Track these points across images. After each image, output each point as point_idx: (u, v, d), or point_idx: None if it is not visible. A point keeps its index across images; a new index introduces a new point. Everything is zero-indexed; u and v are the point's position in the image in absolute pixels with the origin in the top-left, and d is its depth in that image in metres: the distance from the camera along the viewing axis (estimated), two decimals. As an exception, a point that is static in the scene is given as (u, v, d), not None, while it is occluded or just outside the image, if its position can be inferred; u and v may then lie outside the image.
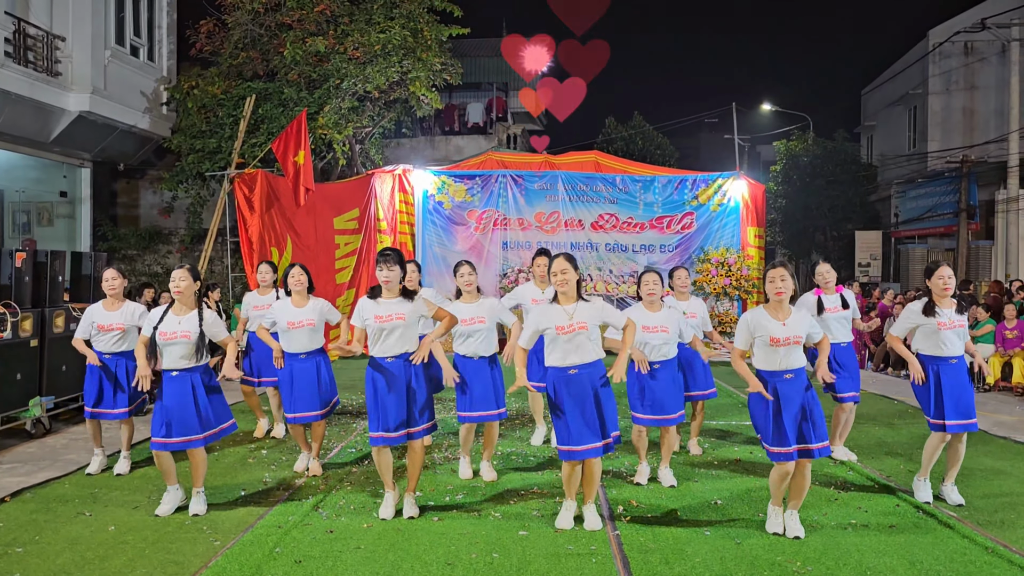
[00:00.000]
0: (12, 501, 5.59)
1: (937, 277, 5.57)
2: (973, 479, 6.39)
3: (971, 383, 5.65)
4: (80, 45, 13.42)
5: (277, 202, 12.27)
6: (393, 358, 5.14)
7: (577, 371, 4.92)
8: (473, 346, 6.08)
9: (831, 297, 6.80)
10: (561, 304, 4.98)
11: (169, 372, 5.28)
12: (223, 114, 14.65)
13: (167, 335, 5.24)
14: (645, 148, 24.72)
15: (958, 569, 4.44)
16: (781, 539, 4.91)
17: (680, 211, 14.89)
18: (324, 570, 4.38)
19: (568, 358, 4.93)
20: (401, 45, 14.33)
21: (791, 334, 4.86)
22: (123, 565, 4.44)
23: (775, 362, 4.91)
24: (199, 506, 5.36)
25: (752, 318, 5.00)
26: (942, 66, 22.19)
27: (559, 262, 4.95)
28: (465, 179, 14.96)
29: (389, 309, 5.12)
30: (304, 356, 6.27)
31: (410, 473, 5.34)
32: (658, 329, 5.79)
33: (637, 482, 6.07)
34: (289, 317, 6.27)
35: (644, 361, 5.84)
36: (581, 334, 4.90)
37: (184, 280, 5.31)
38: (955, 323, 5.52)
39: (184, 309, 5.33)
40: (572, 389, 4.92)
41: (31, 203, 15.78)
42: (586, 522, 5.10)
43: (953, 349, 5.54)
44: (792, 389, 4.87)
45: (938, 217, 21.15)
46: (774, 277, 4.90)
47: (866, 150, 28.33)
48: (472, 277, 6.15)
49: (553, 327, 4.91)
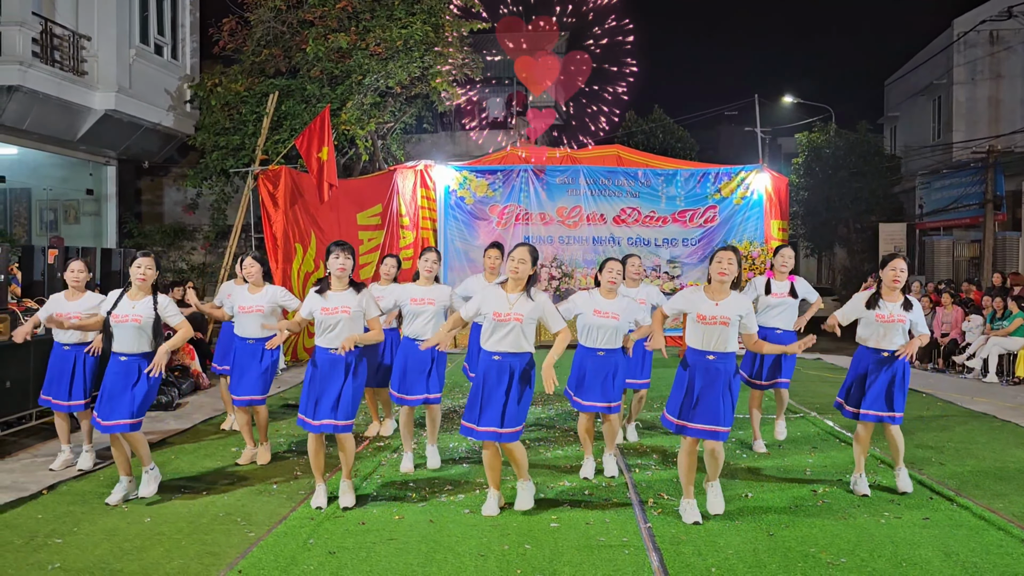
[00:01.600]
0: (49, 494, 5.68)
1: (890, 268, 5.58)
2: (1006, 470, 6.34)
3: (904, 381, 5.60)
4: (105, 44, 13.55)
5: (301, 198, 12.34)
6: (335, 350, 5.22)
7: (500, 358, 5.02)
8: (420, 329, 6.20)
9: (781, 283, 6.85)
10: (507, 291, 5.08)
11: (117, 355, 5.37)
12: (246, 111, 14.74)
13: (119, 318, 5.33)
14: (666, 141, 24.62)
15: (995, 561, 4.41)
16: (813, 531, 4.89)
17: (703, 204, 14.82)
18: (358, 561, 4.42)
19: (497, 344, 5.03)
20: (422, 40, 14.34)
21: (719, 314, 4.93)
22: (160, 556, 4.50)
23: (700, 340, 4.98)
24: (148, 487, 5.54)
25: (688, 293, 5.15)
26: (967, 55, 21.91)
27: (520, 251, 5.09)
28: (487, 174, 14.98)
29: (336, 302, 5.24)
30: (252, 342, 6.45)
31: (344, 463, 5.40)
32: (608, 315, 5.82)
33: (584, 476, 6.05)
34: (241, 302, 6.48)
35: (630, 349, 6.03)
36: (515, 325, 4.99)
37: (151, 268, 5.42)
38: (895, 317, 5.50)
39: (140, 295, 5.43)
40: (492, 373, 5.02)
41: (58, 201, 15.97)
42: (517, 501, 5.25)
43: (888, 343, 5.53)
44: (713, 369, 4.93)
45: (963, 208, 20.89)
46: (721, 259, 5.00)
47: (889, 141, 28.03)
48: (435, 265, 6.38)
49: (491, 313, 5.02)
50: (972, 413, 8.76)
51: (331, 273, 5.30)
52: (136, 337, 5.36)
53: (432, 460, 6.40)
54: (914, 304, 5.60)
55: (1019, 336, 11.38)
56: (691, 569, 4.31)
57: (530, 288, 5.10)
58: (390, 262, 7.31)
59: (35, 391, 7.28)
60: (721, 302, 4.97)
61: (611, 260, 5.97)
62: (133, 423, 5.34)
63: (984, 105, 21.79)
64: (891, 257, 5.66)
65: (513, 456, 5.19)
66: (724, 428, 4.93)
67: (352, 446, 5.39)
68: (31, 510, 5.32)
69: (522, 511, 5.21)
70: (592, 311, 5.82)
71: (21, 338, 6.27)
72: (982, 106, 21.80)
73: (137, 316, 5.34)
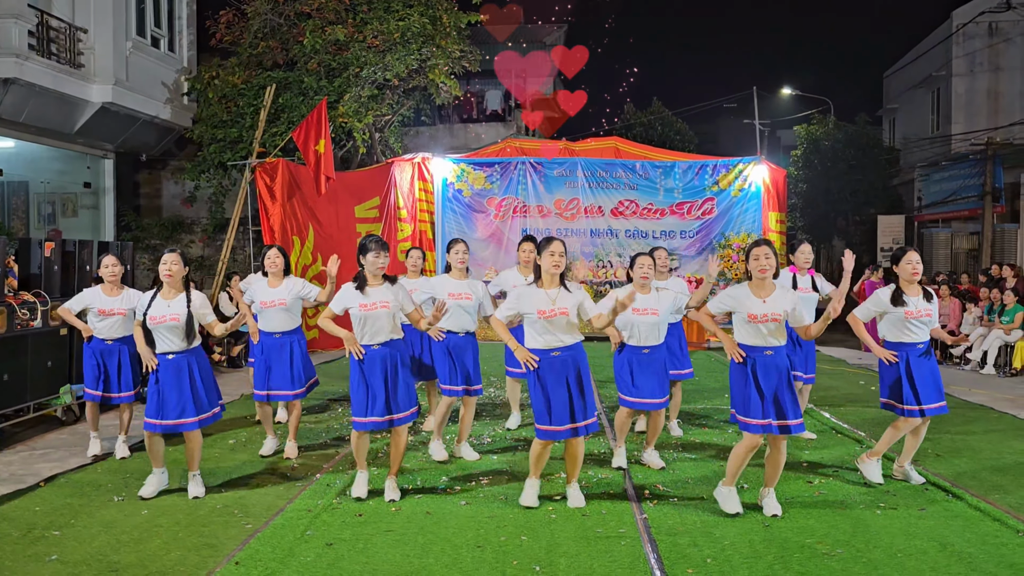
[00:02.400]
0: (47, 486, 5.69)
1: (906, 262, 5.53)
2: (1003, 462, 6.36)
3: (937, 366, 5.65)
4: (102, 37, 13.50)
5: (298, 191, 12.33)
6: (379, 345, 5.20)
7: (560, 353, 4.98)
8: (459, 320, 6.16)
9: (804, 278, 6.90)
10: (544, 288, 5.02)
11: (164, 355, 5.34)
12: (244, 104, 14.71)
13: (156, 319, 5.29)
14: (664, 134, 24.56)
15: (990, 551, 4.42)
16: (810, 521, 4.90)
17: (701, 197, 14.80)
18: (355, 553, 4.43)
19: (550, 341, 4.98)
20: (420, 33, 14.30)
21: (769, 311, 4.88)
22: (158, 548, 4.51)
23: (755, 337, 4.94)
24: (197, 488, 5.45)
25: (734, 293, 5.05)
26: (966, 47, 21.86)
27: (557, 245, 5.02)
28: (484, 167, 14.95)
29: (374, 297, 5.18)
30: (278, 335, 6.43)
31: (393, 458, 5.40)
32: (647, 312, 5.77)
33: (617, 466, 6.07)
34: (263, 296, 6.44)
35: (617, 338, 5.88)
36: (562, 319, 4.95)
37: (176, 264, 5.38)
38: (922, 312, 5.48)
39: (172, 293, 5.38)
40: (555, 370, 4.96)
41: (56, 194, 15.94)
42: (570, 500, 5.20)
43: (920, 336, 5.53)
44: (771, 364, 4.90)
45: (962, 200, 20.86)
46: (758, 255, 4.95)
47: (888, 133, 27.99)
48: (466, 256, 6.35)
49: (535, 311, 4.96)
50: (969, 405, 8.78)
51: (368, 270, 5.23)
52: (177, 336, 5.32)
53: (469, 455, 6.36)
54: (932, 295, 5.60)
55: (1019, 328, 11.39)
56: (687, 560, 4.32)
57: (564, 281, 5.08)
58: (415, 254, 7.22)
59: (32, 384, 7.31)
60: (768, 299, 4.92)
61: (641, 255, 5.88)
62: (199, 419, 5.34)
63: (983, 97, 21.75)
64: (904, 251, 5.59)
65: (576, 452, 5.11)
66: (800, 420, 4.91)
67: (406, 439, 5.39)
68: (29, 502, 5.33)
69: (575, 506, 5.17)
70: (631, 310, 5.71)
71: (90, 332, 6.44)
72: (981, 98, 21.76)
73: (175, 315, 5.29)
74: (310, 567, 4.24)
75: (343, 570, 4.20)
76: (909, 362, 5.51)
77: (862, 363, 12.12)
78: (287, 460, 6.41)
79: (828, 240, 27.45)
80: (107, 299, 6.33)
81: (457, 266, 6.28)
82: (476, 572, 4.17)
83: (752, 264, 4.98)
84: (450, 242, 6.43)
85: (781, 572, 4.16)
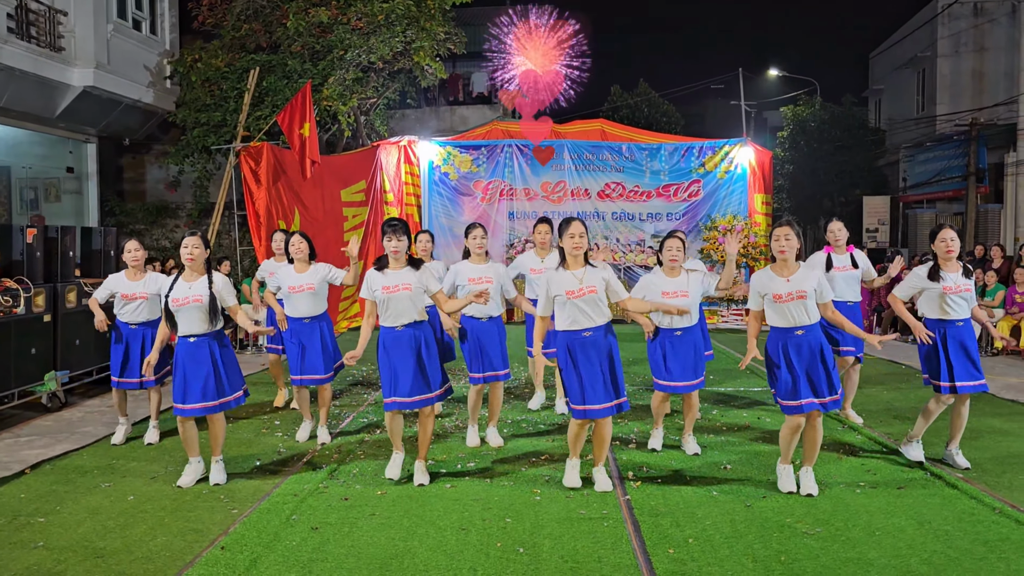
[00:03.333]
0: (32, 473, 5.69)
1: (940, 240, 5.57)
2: (981, 441, 6.44)
3: (977, 345, 5.67)
4: (82, 19, 13.34)
5: (284, 175, 12.25)
6: (403, 327, 5.23)
7: (591, 333, 5.02)
8: (481, 306, 6.12)
9: (841, 256, 6.84)
10: (570, 269, 5.06)
11: (186, 339, 5.32)
12: (227, 87, 14.59)
13: (179, 301, 5.27)
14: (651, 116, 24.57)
15: (967, 529, 4.50)
16: (790, 501, 4.97)
17: (687, 179, 14.82)
18: (340, 536, 4.46)
19: (581, 321, 5.01)
20: (404, 15, 14.20)
21: (794, 289, 4.94)
22: (144, 533, 4.52)
23: (784, 319, 5.00)
24: (219, 475, 5.44)
25: (758, 278, 5.12)
26: (951, 28, 21.91)
27: (577, 225, 5.07)
28: (471, 149, 14.91)
29: (396, 279, 5.20)
30: (308, 320, 6.46)
31: (421, 440, 5.41)
32: (677, 294, 5.77)
33: (652, 448, 6.12)
34: (291, 282, 6.47)
35: (650, 326, 5.89)
36: (592, 297, 4.99)
37: (197, 247, 5.36)
38: (960, 287, 5.51)
39: (194, 275, 5.37)
40: (587, 350, 5.00)
41: (38, 179, 15.80)
42: (596, 484, 5.20)
43: (959, 312, 5.55)
44: (804, 344, 4.96)
45: (947, 181, 21.00)
46: (779, 236, 5.02)
47: (874, 114, 28.07)
48: (484, 240, 6.28)
49: (564, 292, 4.99)
50: (950, 384, 8.86)
51: (388, 253, 5.27)
52: (200, 318, 5.31)
53: (494, 440, 6.36)
54: (971, 271, 5.63)
55: (999, 308, 11.51)
56: (669, 540, 4.38)
57: (588, 260, 5.11)
58: (424, 238, 7.25)
59: (16, 371, 7.29)
60: (792, 277, 4.98)
61: (669, 238, 5.89)
62: (221, 403, 5.33)
63: (968, 78, 21.82)
64: (939, 228, 5.65)
65: (605, 435, 5.15)
66: (838, 396, 4.97)
67: (433, 422, 5.42)
68: (14, 489, 5.33)
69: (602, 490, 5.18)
70: (660, 292, 5.75)
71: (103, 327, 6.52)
72: (966, 79, 21.84)
73: (197, 296, 5.27)
74: (295, 551, 4.27)
75: (328, 554, 4.23)
76: (946, 338, 5.54)
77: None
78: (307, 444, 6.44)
79: (815, 221, 27.59)
80: (130, 284, 6.38)
81: (476, 251, 6.25)
82: (461, 554, 4.21)
83: (773, 245, 5.06)
84: (468, 227, 6.37)
85: (761, 551, 4.22)
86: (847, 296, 6.78)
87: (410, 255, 5.34)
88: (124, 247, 6.45)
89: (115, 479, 5.52)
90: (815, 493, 5.03)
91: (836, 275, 6.72)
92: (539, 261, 6.98)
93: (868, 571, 3.98)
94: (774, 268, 5.08)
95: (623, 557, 4.16)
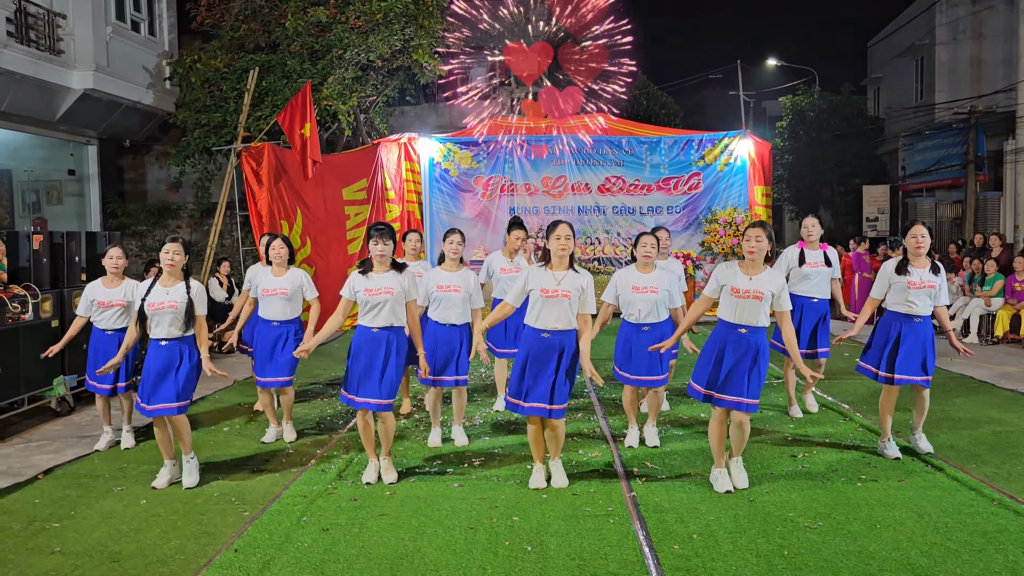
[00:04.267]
0: (45, 478, 5.77)
1: (911, 236, 5.73)
2: (980, 431, 6.51)
3: (934, 344, 5.76)
4: (81, 22, 13.37)
5: (285, 175, 12.30)
6: (379, 329, 5.32)
7: (549, 335, 5.10)
8: (447, 312, 6.23)
9: (814, 252, 6.92)
10: (553, 270, 5.15)
11: (158, 341, 5.42)
12: (227, 88, 14.61)
13: (155, 305, 5.37)
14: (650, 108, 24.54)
15: (965, 520, 4.58)
16: (792, 495, 5.05)
17: (687, 172, 14.87)
18: (351, 537, 4.54)
19: (545, 321, 5.10)
20: (403, 13, 14.22)
21: (752, 288, 5.04)
22: (157, 537, 4.61)
23: (734, 314, 5.10)
24: (191, 476, 5.52)
25: (723, 269, 5.23)
26: (949, 15, 21.86)
27: (564, 228, 5.16)
28: (471, 146, 14.95)
29: (379, 283, 5.30)
30: (277, 324, 6.54)
31: (383, 439, 5.50)
32: (647, 290, 5.91)
33: (629, 444, 6.22)
34: (266, 285, 6.56)
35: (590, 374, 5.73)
36: (563, 301, 5.07)
37: (179, 253, 5.47)
38: (925, 283, 5.64)
39: (172, 280, 5.47)
40: (540, 350, 5.10)
41: (40, 182, 15.85)
42: (553, 479, 5.33)
43: (920, 309, 5.68)
44: (743, 343, 5.05)
45: (946, 169, 20.99)
46: (751, 236, 5.11)
47: (873, 103, 28.03)
48: (460, 247, 6.34)
49: (539, 288, 5.09)
50: (949, 375, 8.94)
51: (372, 257, 5.35)
52: (174, 323, 5.40)
53: (459, 439, 6.46)
54: (941, 269, 5.74)
55: (999, 297, 11.57)
56: (674, 536, 4.46)
57: (573, 264, 5.18)
58: (413, 237, 7.28)
59: (26, 377, 7.37)
60: (755, 277, 5.07)
61: (645, 235, 6.01)
62: (179, 406, 5.40)
63: (966, 65, 21.78)
64: (911, 224, 5.81)
65: (556, 433, 5.27)
66: (752, 400, 5.04)
67: (393, 423, 5.50)
68: (28, 495, 5.41)
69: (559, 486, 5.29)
70: (631, 287, 5.88)
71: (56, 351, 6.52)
72: (964, 66, 21.80)
73: (172, 302, 5.37)
74: (307, 552, 4.35)
75: (339, 555, 4.31)
76: (902, 331, 5.69)
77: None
78: (285, 444, 6.52)
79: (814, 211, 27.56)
80: (106, 291, 6.41)
81: (450, 256, 6.31)
82: (469, 554, 4.29)
83: (744, 244, 5.15)
84: (446, 232, 6.41)
85: (763, 546, 4.30)
86: (814, 293, 6.88)
87: (394, 259, 5.41)
88: (107, 252, 6.47)
89: (126, 483, 5.61)
90: (745, 485, 5.18)
91: (807, 271, 6.80)
92: (508, 261, 7.20)
93: (869, 564, 4.06)
94: (741, 265, 5.18)
95: (629, 554, 4.25)
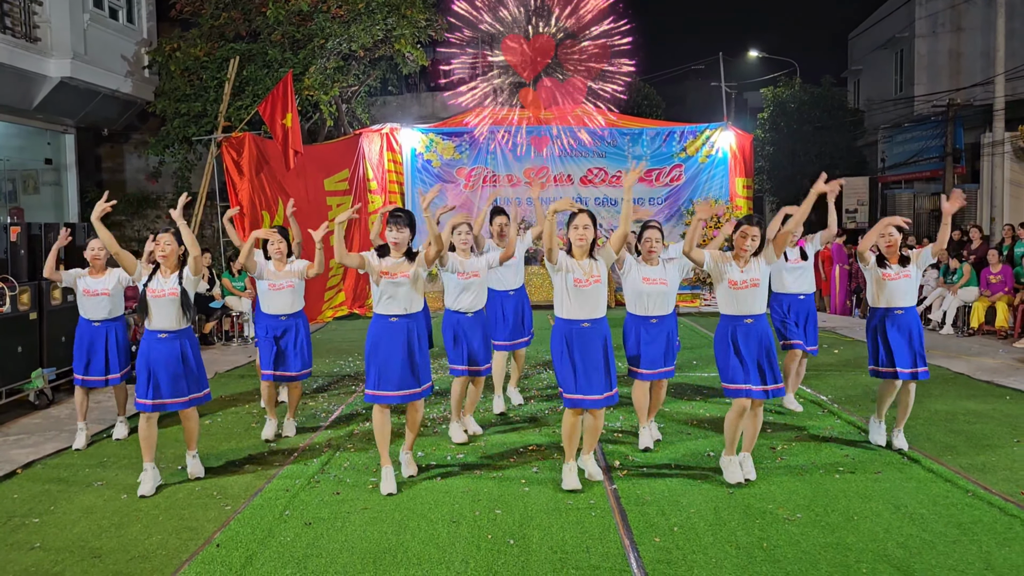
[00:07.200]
0: (24, 473, 5.73)
1: (881, 235, 5.90)
2: (956, 423, 6.61)
3: (921, 332, 5.87)
4: (58, 9, 13.20)
5: (266, 165, 12.23)
6: (397, 318, 5.21)
7: (589, 325, 5.07)
8: (468, 301, 6.19)
9: (792, 249, 6.95)
10: (576, 259, 5.10)
11: (156, 333, 5.35)
12: (207, 77, 14.49)
13: (156, 292, 5.33)
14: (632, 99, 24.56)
15: (941, 512, 4.65)
16: (771, 488, 5.10)
17: (668, 163, 14.94)
18: (333, 531, 4.55)
19: (582, 311, 5.06)
20: (385, 2, 14.15)
21: (748, 277, 5.15)
22: (139, 532, 4.59)
23: (736, 306, 5.19)
24: (196, 468, 5.53)
25: (721, 256, 5.29)
26: (928, 8, 22.04)
27: (583, 217, 5.08)
28: (453, 136, 14.92)
29: (395, 269, 5.19)
30: (284, 318, 6.48)
31: (409, 432, 5.47)
32: (657, 281, 5.87)
33: (644, 447, 6.03)
34: (272, 280, 6.47)
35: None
36: (597, 287, 5.05)
37: (170, 244, 5.42)
38: (900, 274, 5.81)
39: (168, 271, 5.43)
40: (584, 341, 5.05)
41: (16, 171, 15.65)
42: (586, 472, 5.30)
43: (899, 300, 5.80)
44: (752, 332, 5.16)
45: (924, 161, 21.22)
46: (747, 234, 5.20)
47: (853, 95, 28.24)
48: (469, 236, 6.23)
49: (572, 279, 5.03)
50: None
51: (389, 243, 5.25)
52: (174, 312, 5.35)
53: (472, 428, 6.49)
54: (911, 256, 5.86)
55: (972, 286, 11.73)
56: (655, 528, 4.50)
57: (594, 251, 5.15)
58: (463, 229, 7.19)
59: (2, 369, 7.31)
60: (746, 267, 5.19)
61: (648, 228, 5.94)
62: (194, 398, 5.39)
63: (945, 58, 21.99)
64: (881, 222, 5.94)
65: (599, 423, 5.20)
66: (780, 385, 5.16)
67: (422, 414, 5.45)
68: (6, 490, 5.37)
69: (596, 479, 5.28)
70: (641, 279, 5.85)
71: None
72: (943, 59, 22.00)
73: (173, 290, 5.34)
74: (289, 546, 4.35)
75: (322, 549, 4.32)
76: (885, 324, 5.82)
77: (826, 326, 12.36)
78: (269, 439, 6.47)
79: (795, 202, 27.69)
80: (92, 280, 6.36)
81: (461, 247, 6.21)
82: (452, 547, 4.31)
83: (738, 239, 5.22)
84: (453, 226, 6.18)
85: (743, 538, 4.35)
86: (799, 289, 6.91)
87: (409, 248, 5.31)
88: (88, 243, 6.42)
89: (107, 477, 5.58)
90: (753, 478, 5.23)
91: (787, 266, 6.85)
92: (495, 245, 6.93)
93: (846, 556, 4.12)
94: (735, 257, 5.25)
95: (610, 547, 4.28)
